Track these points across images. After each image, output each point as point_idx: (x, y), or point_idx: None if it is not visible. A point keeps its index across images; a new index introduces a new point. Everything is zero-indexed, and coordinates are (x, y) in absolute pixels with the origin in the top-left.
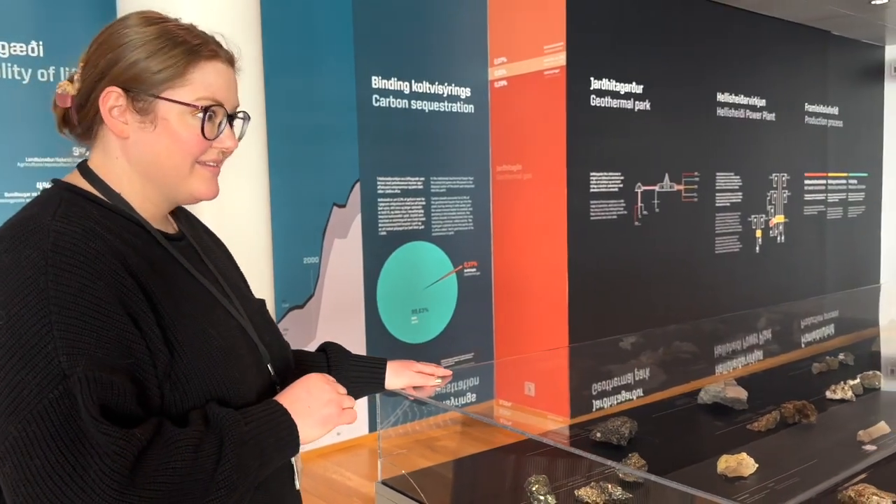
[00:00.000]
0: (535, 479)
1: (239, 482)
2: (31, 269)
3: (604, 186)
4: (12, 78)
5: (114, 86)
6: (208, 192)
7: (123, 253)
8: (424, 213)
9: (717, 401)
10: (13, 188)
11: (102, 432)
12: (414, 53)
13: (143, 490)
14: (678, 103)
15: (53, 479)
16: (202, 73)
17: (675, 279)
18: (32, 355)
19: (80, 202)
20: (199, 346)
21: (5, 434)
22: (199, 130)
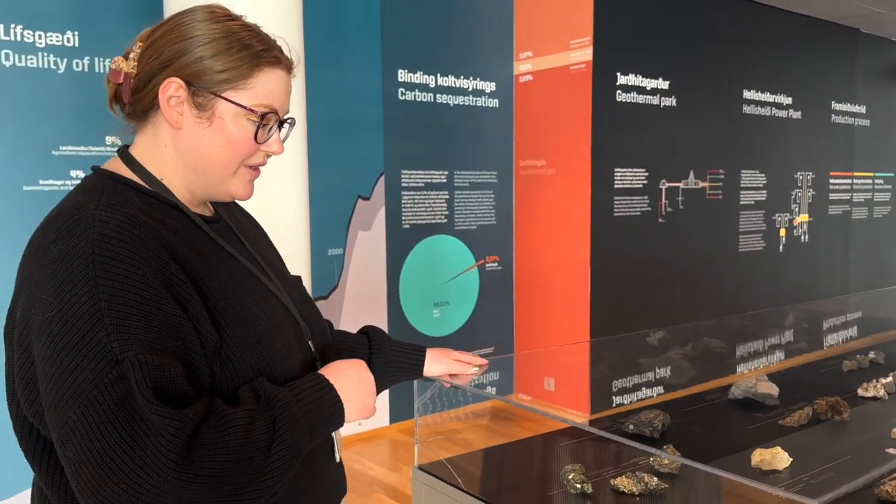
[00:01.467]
0: (572, 468)
1: (292, 461)
2: (79, 259)
3: (628, 183)
4: (48, 67)
5: (176, 77)
6: (244, 194)
7: (166, 238)
8: (447, 206)
9: (749, 396)
10: (48, 176)
11: (156, 413)
12: (440, 47)
13: (200, 468)
14: (704, 100)
15: (113, 460)
16: (264, 80)
17: (699, 277)
18: (86, 342)
19: (121, 189)
20: (245, 324)
21: (65, 419)
22: (251, 134)
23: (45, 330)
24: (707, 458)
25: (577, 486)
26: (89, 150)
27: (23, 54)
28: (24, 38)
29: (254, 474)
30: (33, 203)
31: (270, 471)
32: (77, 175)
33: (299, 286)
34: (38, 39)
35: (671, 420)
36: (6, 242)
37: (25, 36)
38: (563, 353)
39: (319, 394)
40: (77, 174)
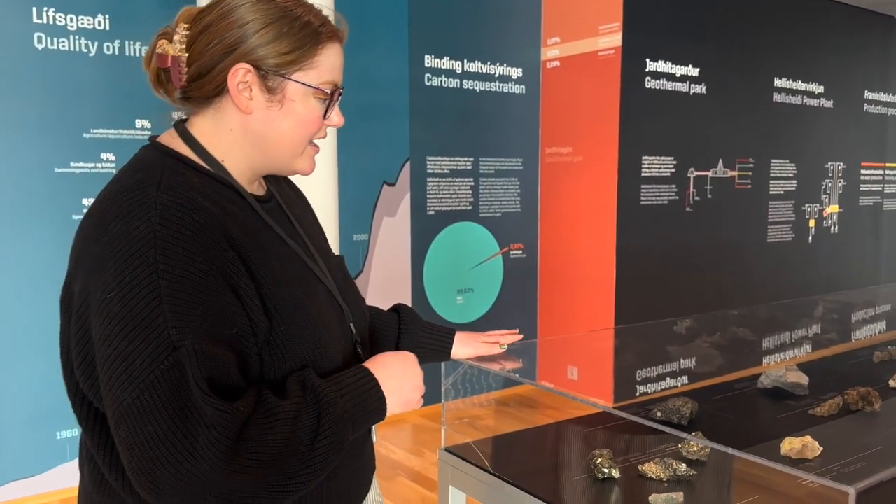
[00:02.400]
0: (600, 453)
1: (335, 454)
2: (141, 242)
3: (655, 171)
4: (79, 51)
5: (244, 63)
6: (310, 169)
7: (224, 223)
8: (472, 193)
9: (778, 385)
10: (78, 158)
11: (209, 404)
12: (467, 33)
13: (246, 460)
14: (735, 88)
15: (165, 446)
16: (327, 57)
17: (726, 267)
18: (144, 326)
19: (181, 169)
20: (295, 313)
21: (120, 400)
22: (320, 112)
23: (104, 310)
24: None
25: (604, 471)
26: (120, 132)
27: (54, 37)
28: (56, 22)
29: (297, 466)
30: (65, 185)
31: (313, 463)
32: (108, 158)
33: (342, 266)
34: (70, 23)
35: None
36: (39, 223)
37: (57, 19)
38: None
39: (363, 388)
40: (108, 157)
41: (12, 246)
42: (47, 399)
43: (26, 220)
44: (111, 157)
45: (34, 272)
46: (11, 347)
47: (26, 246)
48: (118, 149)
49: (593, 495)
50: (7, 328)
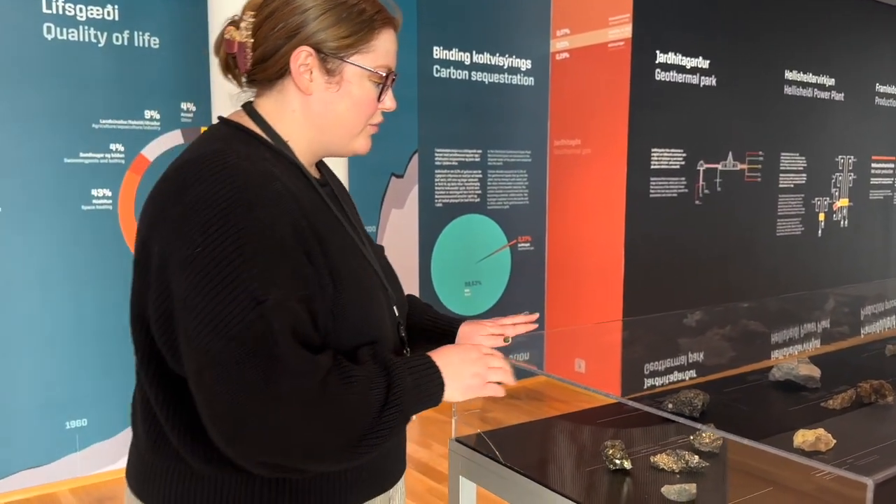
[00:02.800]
0: (611, 444)
1: (400, 424)
2: (225, 204)
3: (665, 163)
4: (88, 41)
5: (305, 46)
6: (366, 149)
7: (296, 195)
8: (480, 185)
9: (790, 378)
10: (88, 148)
11: (293, 355)
12: (476, 24)
13: (326, 411)
14: (745, 80)
15: (250, 392)
16: (382, 41)
17: (735, 260)
18: (230, 281)
19: (253, 143)
20: (355, 284)
21: (207, 349)
22: (375, 95)
23: (190, 266)
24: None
25: (616, 462)
26: (129, 123)
27: (64, 27)
28: (66, 12)
29: (367, 429)
30: (74, 175)
31: (381, 429)
32: (116, 148)
33: (383, 255)
34: (79, 13)
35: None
36: (49, 213)
37: (66, 9)
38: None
39: (426, 371)
40: (116, 147)
41: (22, 236)
42: (57, 389)
43: (36, 211)
44: (120, 148)
45: (44, 262)
46: (21, 337)
47: (36, 236)
48: (127, 139)
49: (606, 486)
50: (17, 317)
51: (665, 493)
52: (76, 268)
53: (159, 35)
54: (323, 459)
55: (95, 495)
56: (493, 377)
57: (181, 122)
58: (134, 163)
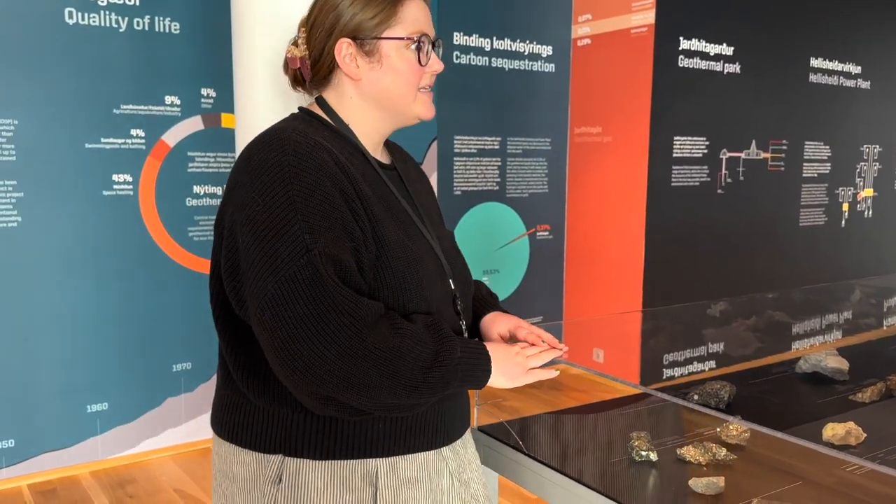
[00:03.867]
0: (637, 436)
1: (441, 390)
2: (278, 168)
3: (687, 152)
4: (109, 26)
5: (344, 38)
6: (429, 113)
7: (344, 164)
8: (500, 173)
9: (818, 370)
10: (109, 134)
11: (340, 294)
12: (497, 9)
13: (372, 349)
14: (770, 68)
15: (303, 326)
16: (408, 11)
17: (758, 250)
18: (284, 232)
19: (315, 124)
20: (399, 248)
21: (265, 290)
22: (415, 60)
23: (251, 220)
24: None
25: (642, 454)
26: (149, 108)
27: (85, 12)
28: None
29: (409, 381)
30: (95, 160)
31: (420, 387)
32: (137, 133)
33: (451, 239)
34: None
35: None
36: (70, 198)
37: None
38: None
39: (478, 354)
40: (137, 132)
41: (43, 220)
42: (79, 372)
43: (57, 195)
44: (140, 133)
45: (65, 246)
46: (44, 321)
47: (58, 220)
48: (147, 124)
49: (631, 478)
50: (39, 301)
51: (692, 486)
52: (97, 252)
53: (180, 20)
54: (362, 395)
55: (116, 478)
56: (533, 363)
57: (201, 107)
58: (154, 148)
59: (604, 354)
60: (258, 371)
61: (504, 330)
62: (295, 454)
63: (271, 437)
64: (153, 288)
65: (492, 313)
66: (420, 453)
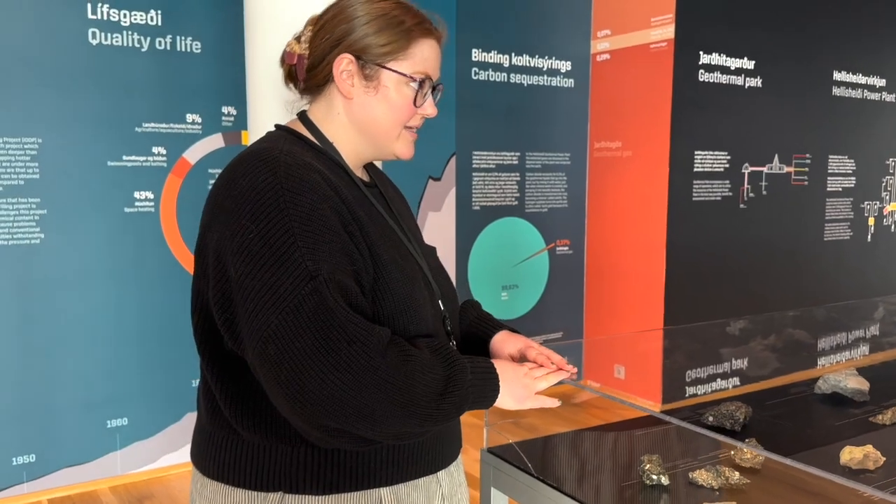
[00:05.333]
0: (648, 459)
1: (453, 415)
2: (270, 192)
3: (708, 166)
4: (132, 46)
5: (347, 53)
6: (407, 153)
7: (336, 185)
8: (519, 188)
9: (837, 391)
10: (131, 152)
11: (351, 322)
12: (515, 26)
13: (384, 379)
14: (792, 81)
15: (312, 358)
16: (420, 49)
17: (781, 265)
18: (283, 260)
19: (299, 143)
20: (395, 268)
21: (267, 323)
22: (411, 99)
23: (244, 249)
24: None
25: (653, 478)
26: (171, 126)
27: (108, 33)
28: (110, 17)
29: (423, 409)
30: (117, 178)
31: (434, 415)
32: (159, 151)
33: (434, 255)
34: (123, 18)
35: (753, 413)
36: (93, 215)
37: (111, 15)
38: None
39: (487, 375)
40: (159, 150)
41: (66, 236)
42: (99, 388)
43: (80, 212)
44: (162, 151)
45: (88, 262)
46: (65, 337)
47: (80, 237)
48: (169, 142)
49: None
50: (61, 317)
51: None
52: (118, 268)
53: (201, 40)
54: (376, 426)
55: (135, 494)
56: (540, 385)
57: (222, 125)
58: (176, 166)
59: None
60: (252, 406)
61: (514, 350)
62: (296, 490)
63: (269, 474)
64: (173, 304)
65: (502, 332)
66: (420, 479)
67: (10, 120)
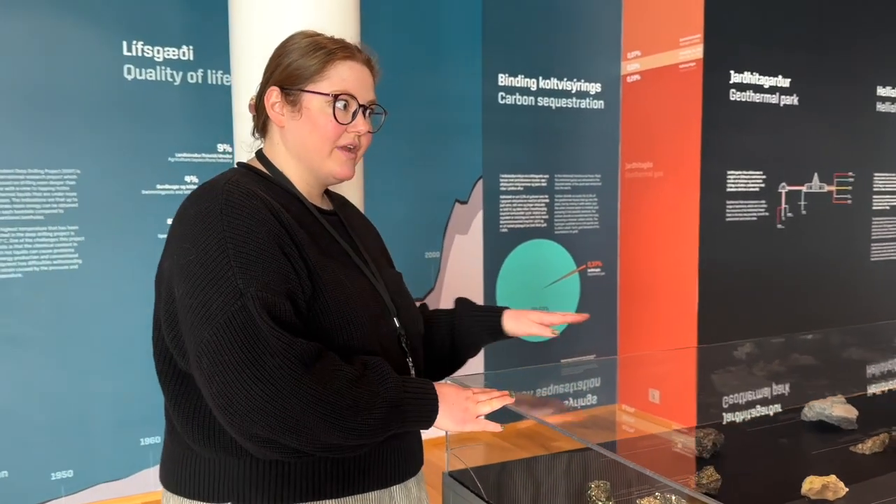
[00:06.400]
0: (596, 485)
1: (379, 432)
2: (211, 218)
3: (742, 186)
4: (165, 80)
5: (274, 85)
6: (342, 173)
7: (277, 210)
8: (547, 210)
9: (822, 419)
10: (164, 181)
11: (274, 336)
12: (543, 50)
13: (306, 390)
14: (832, 98)
15: (238, 371)
16: (337, 70)
17: (824, 286)
18: (217, 279)
19: (251, 175)
20: (334, 287)
21: (201, 338)
22: (333, 118)
23: (185, 271)
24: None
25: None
26: (202, 156)
27: (142, 68)
28: (144, 54)
29: (347, 422)
30: (151, 206)
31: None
32: (191, 180)
33: (397, 279)
34: (157, 54)
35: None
36: (128, 241)
37: (145, 51)
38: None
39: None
40: (191, 179)
41: (103, 262)
42: (134, 407)
43: (116, 239)
44: (194, 180)
45: (123, 287)
46: (102, 357)
47: (116, 262)
48: (201, 171)
49: None
50: (98, 340)
51: None
52: (152, 293)
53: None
54: (300, 437)
55: None
56: (481, 409)
57: None
58: None
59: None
60: (202, 421)
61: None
62: (244, 502)
63: (219, 487)
64: None
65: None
66: (371, 493)
67: (51, 152)
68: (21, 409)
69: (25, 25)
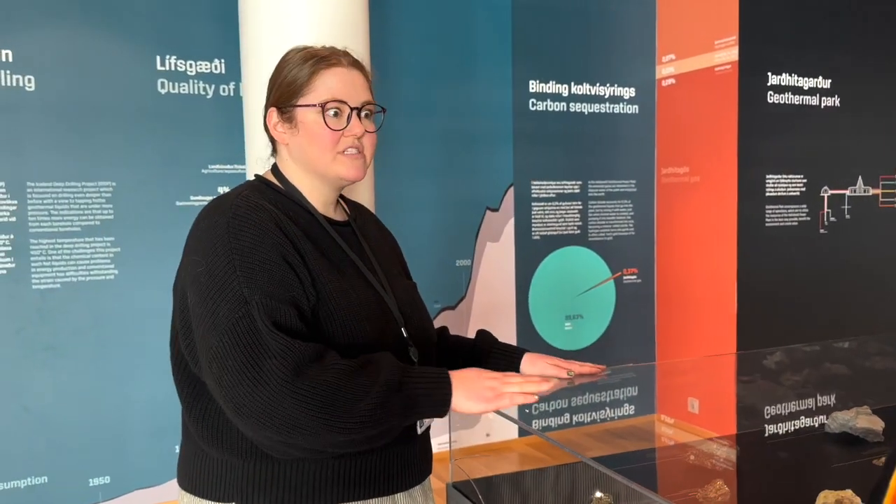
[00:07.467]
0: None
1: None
2: (219, 230)
3: (782, 190)
4: (198, 93)
5: (272, 106)
6: (349, 175)
7: (283, 223)
8: (581, 217)
9: (846, 430)
10: (198, 192)
11: (273, 339)
12: (575, 56)
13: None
14: (876, 98)
15: (241, 373)
16: (322, 80)
17: (870, 292)
18: (224, 289)
19: (262, 188)
20: (339, 297)
21: (210, 345)
22: (327, 125)
23: (196, 281)
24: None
25: None
26: (234, 168)
27: (176, 82)
28: (177, 68)
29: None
30: (185, 217)
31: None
32: (224, 191)
33: (410, 289)
34: (190, 68)
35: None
36: (163, 252)
37: (178, 65)
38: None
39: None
40: (223, 190)
41: (139, 273)
42: (168, 415)
43: (151, 250)
44: (227, 190)
45: (158, 296)
46: (137, 366)
47: (151, 272)
48: (233, 182)
49: None
50: (133, 348)
51: None
52: None
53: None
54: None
55: None
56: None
57: None
58: None
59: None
60: (211, 423)
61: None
62: (249, 503)
63: (225, 487)
64: None
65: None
66: (373, 499)
67: (88, 165)
68: (60, 415)
69: (62, 43)
